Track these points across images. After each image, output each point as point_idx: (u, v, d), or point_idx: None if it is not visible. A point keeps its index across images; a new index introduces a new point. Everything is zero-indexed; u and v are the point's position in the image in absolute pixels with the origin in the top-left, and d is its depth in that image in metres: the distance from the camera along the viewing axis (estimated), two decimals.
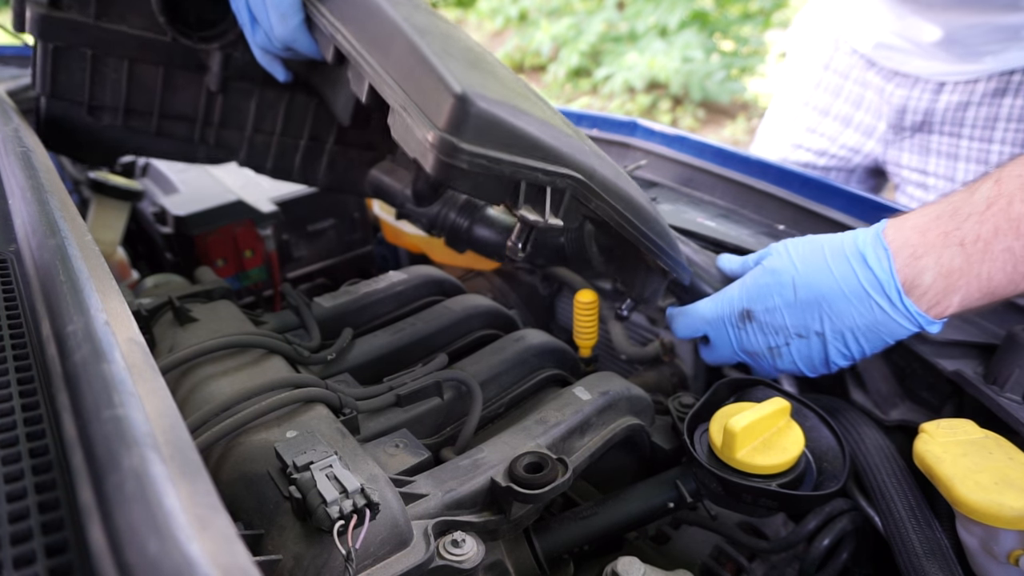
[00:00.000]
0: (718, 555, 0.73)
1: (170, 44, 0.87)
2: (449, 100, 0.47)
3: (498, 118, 0.48)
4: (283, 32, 0.72)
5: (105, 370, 0.33)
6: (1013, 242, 0.58)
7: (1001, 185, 0.59)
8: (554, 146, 0.51)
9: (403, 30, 0.54)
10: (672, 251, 0.68)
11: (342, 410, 0.62)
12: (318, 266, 1.41)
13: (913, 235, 0.63)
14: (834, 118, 1.41)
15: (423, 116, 0.50)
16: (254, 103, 0.95)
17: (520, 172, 0.50)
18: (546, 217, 0.53)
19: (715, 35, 5.18)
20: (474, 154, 0.48)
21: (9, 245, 0.55)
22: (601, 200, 0.58)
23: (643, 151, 1.19)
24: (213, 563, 0.24)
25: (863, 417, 0.73)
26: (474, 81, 0.50)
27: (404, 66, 0.54)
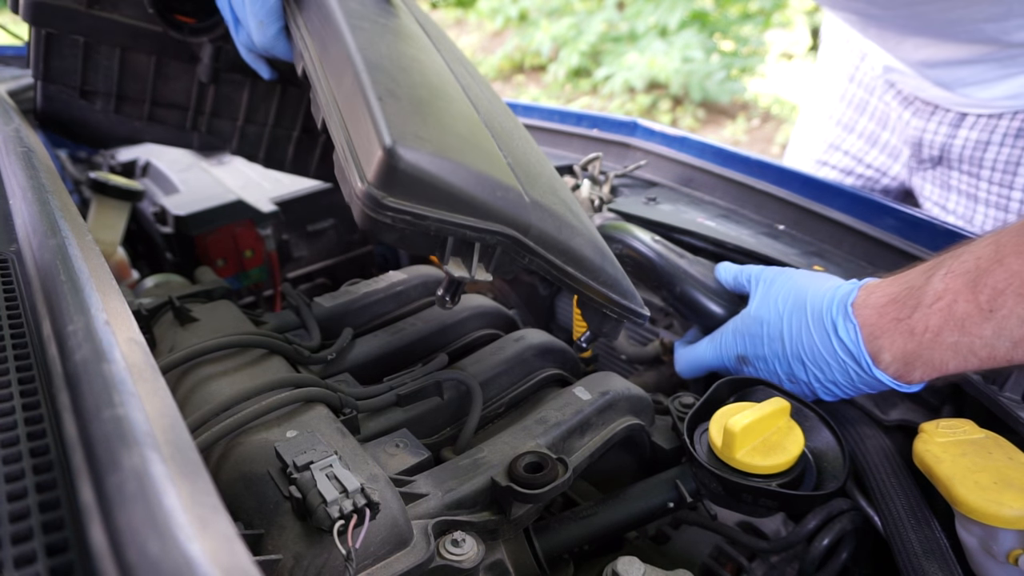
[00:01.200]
0: (718, 555, 0.73)
1: (162, 34, 0.87)
2: (378, 152, 0.46)
3: (427, 174, 0.46)
4: (261, 39, 0.72)
5: (105, 370, 0.33)
6: (959, 338, 0.59)
7: (949, 280, 0.59)
8: (485, 201, 0.49)
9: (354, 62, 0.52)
10: (623, 299, 0.66)
11: (342, 410, 0.62)
12: (318, 266, 1.41)
13: (872, 315, 0.65)
14: (859, 136, 1.32)
15: (356, 163, 0.48)
16: (246, 94, 0.95)
17: (446, 228, 0.49)
18: (472, 273, 0.51)
19: (715, 35, 5.18)
20: (398, 210, 0.46)
21: (10, 245, 0.55)
22: (535, 255, 0.56)
23: (643, 151, 1.19)
24: (213, 563, 0.24)
25: (863, 417, 0.73)
26: (412, 129, 0.48)
27: (349, 102, 0.51)
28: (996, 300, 0.56)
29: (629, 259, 0.84)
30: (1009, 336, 0.56)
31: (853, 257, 0.89)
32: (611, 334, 0.71)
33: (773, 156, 3.45)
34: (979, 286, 0.57)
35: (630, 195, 1.09)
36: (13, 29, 1.27)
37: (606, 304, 0.65)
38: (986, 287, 0.56)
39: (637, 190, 1.12)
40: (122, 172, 1.42)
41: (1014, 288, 0.55)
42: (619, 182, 1.14)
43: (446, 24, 7.41)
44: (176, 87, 0.93)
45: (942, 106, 1.13)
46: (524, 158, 0.66)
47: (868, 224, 0.90)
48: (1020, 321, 0.55)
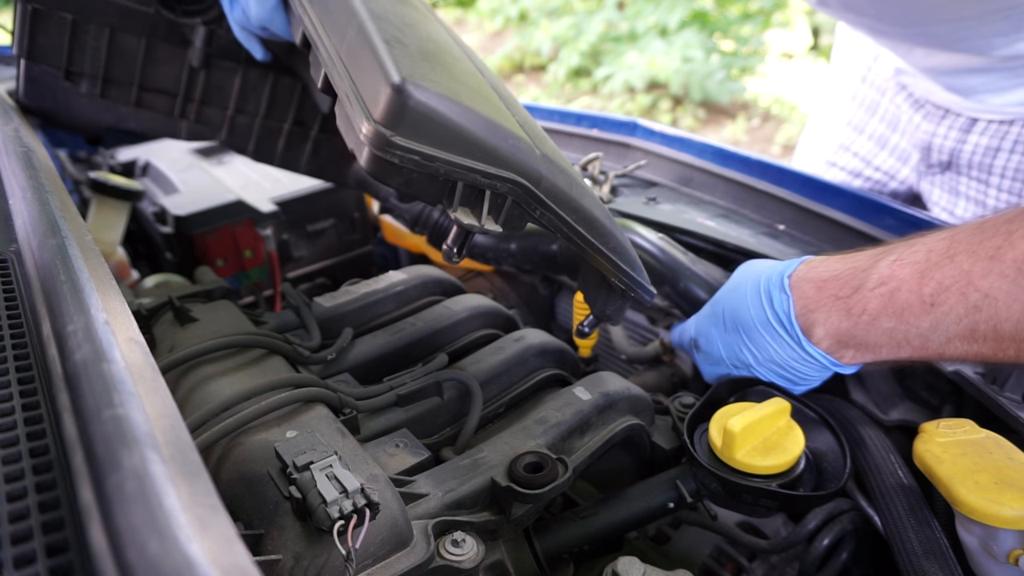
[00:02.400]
0: (718, 555, 0.73)
1: (153, 15, 0.85)
2: (386, 90, 0.44)
3: (436, 112, 0.45)
4: (259, 12, 0.70)
5: (105, 370, 0.33)
6: (896, 325, 0.59)
7: (896, 267, 0.59)
8: (497, 147, 0.48)
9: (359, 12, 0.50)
10: (631, 269, 0.65)
11: (342, 410, 0.62)
12: (318, 266, 1.41)
13: (810, 288, 0.65)
14: (868, 137, 1.30)
15: (362, 106, 0.47)
16: (237, 82, 0.93)
17: (456, 172, 0.47)
18: (482, 222, 0.50)
19: (715, 35, 5.18)
20: (407, 149, 0.45)
21: (10, 245, 0.55)
22: (547, 209, 0.55)
23: (643, 151, 1.19)
24: (213, 563, 0.24)
25: (863, 417, 0.73)
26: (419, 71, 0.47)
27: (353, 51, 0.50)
28: (939, 295, 0.56)
29: None
30: (945, 332, 0.56)
31: None
32: (615, 316, 0.69)
33: (773, 156, 3.45)
34: (925, 279, 0.57)
35: (630, 195, 1.09)
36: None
37: (614, 272, 0.63)
38: (932, 280, 0.56)
39: (637, 190, 1.12)
40: (122, 172, 1.42)
41: (959, 287, 0.55)
42: (619, 182, 1.14)
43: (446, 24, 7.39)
44: (166, 72, 0.90)
45: (953, 110, 1.12)
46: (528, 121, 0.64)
47: (868, 224, 0.90)
48: (957, 319, 0.55)
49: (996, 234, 0.54)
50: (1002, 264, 0.53)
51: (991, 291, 0.53)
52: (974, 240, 0.55)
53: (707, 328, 0.75)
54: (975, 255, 0.54)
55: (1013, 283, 0.52)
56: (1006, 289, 0.52)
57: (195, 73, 0.91)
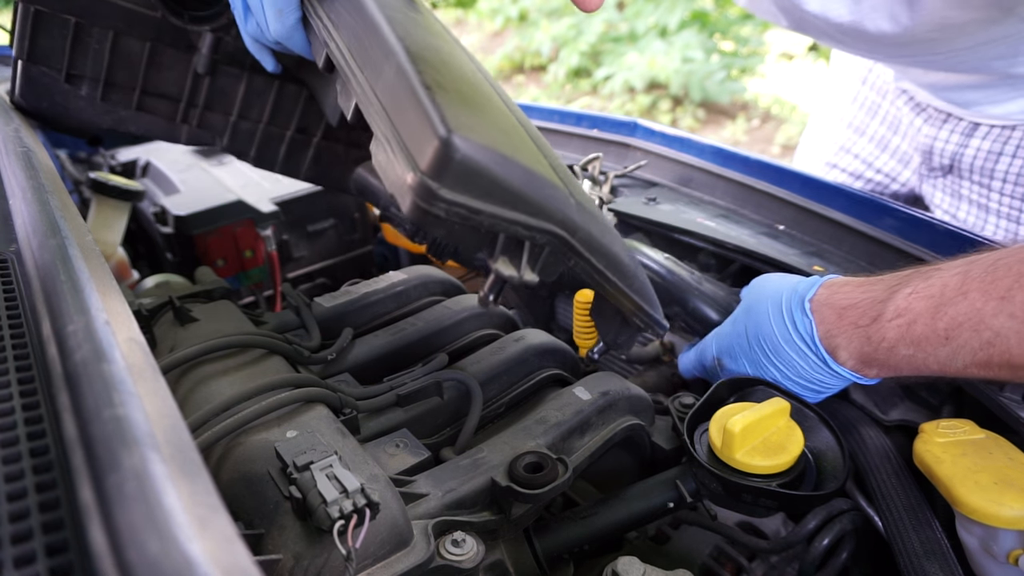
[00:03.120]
0: (718, 555, 0.73)
1: (159, 20, 0.83)
2: (433, 142, 0.44)
3: (483, 166, 0.45)
4: (278, 29, 0.69)
5: (105, 370, 0.33)
6: (915, 352, 0.61)
7: (912, 300, 0.61)
8: (538, 199, 0.48)
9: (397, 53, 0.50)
10: (650, 307, 0.66)
11: (342, 410, 0.62)
12: (318, 266, 1.41)
13: (831, 314, 0.67)
14: (869, 139, 1.30)
15: (405, 153, 0.47)
16: (242, 89, 0.92)
17: (499, 224, 0.47)
18: (521, 273, 0.50)
19: (715, 35, 5.18)
20: (453, 202, 0.45)
21: (10, 245, 0.55)
22: (581, 258, 0.55)
23: (643, 151, 1.19)
24: (213, 563, 0.24)
25: (863, 417, 0.73)
26: (463, 121, 0.47)
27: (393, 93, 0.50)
28: (953, 330, 0.58)
29: None
30: (961, 360, 0.58)
31: (853, 257, 0.89)
32: (625, 345, 0.70)
33: (773, 156, 3.45)
34: (939, 314, 0.59)
35: (630, 195, 1.09)
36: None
37: (636, 312, 0.64)
38: (946, 316, 0.58)
39: (637, 190, 1.12)
40: (122, 172, 1.42)
41: (971, 323, 0.57)
42: (619, 182, 1.14)
43: (446, 24, 7.39)
44: (169, 77, 0.88)
45: (955, 115, 1.12)
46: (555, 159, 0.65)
47: (868, 224, 0.90)
48: (972, 352, 0.57)
49: (1008, 275, 0.55)
50: (1012, 305, 0.54)
51: (1002, 330, 0.55)
52: (986, 279, 0.56)
53: (729, 346, 0.76)
54: (987, 294, 0.56)
55: (1022, 323, 0.54)
56: (1016, 329, 0.54)
57: (199, 79, 0.90)
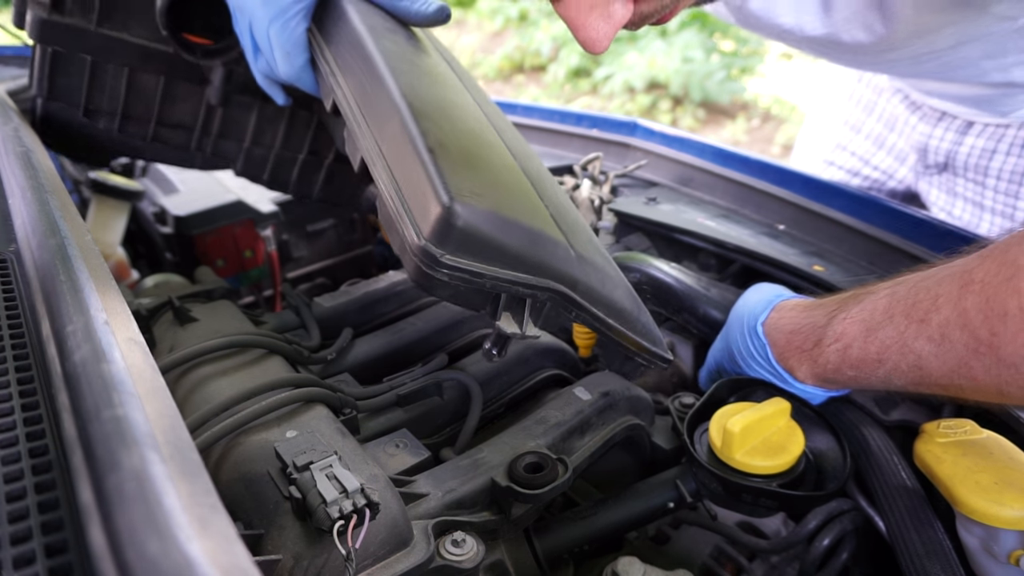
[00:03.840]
0: (718, 555, 0.73)
1: (172, 55, 0.85)
2: (436, 210, 0.45)
3: (484, 232, 0.46)
4: (287, 70, 0.71)
5: (105, 370, 0.33)
6: (857, 374, 0.63)
7: (847, 325, 0.63)
8: (540, 259, 0.50)
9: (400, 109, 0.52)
10: (653, 344, 0.68)
11: (342, 410, 0.62)
12: (318, 266, 1.41)
13: (780, 338, 0.69)
14: (866, 137, 1.31)
15: (409, 216, 0.48)
16: (254, 117, 0.94)
17: (500, 286, 0.49)
18: (524, 329, 0.51)
19: (715, 35, 5.18)
20: (455, 267, 0.46)
21: (9, 245, 0.55)
22: (582, 309, 0.56)
23: (643, 151, 1.19)
24: (213, 563, 0.24)
25: (863, 417, 0.73)
26: (465, 184, 0.48)
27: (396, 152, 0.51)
28: (883, 353, 0.59)
29: (648, 287, 0.85)
30: (899, 379, 0.60)
31: (853, 257, 0.89)
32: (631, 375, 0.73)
33: (773, 156, 3.45)
34: (870, 338, 0.60)
35: (630, 195, 1.09)
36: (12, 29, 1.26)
37: (639, 353, 0.66)
38: (876, 339, 0.60)
39: (637, 190, 1.12)
40: (122, 172, 1.41)
41: (897, 347, 0.58)
42: (619, 182, 1.14)
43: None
44: (183, 108, 0.91)
45: (950, 113, 1.12)
46: (559, 202, 0.66)
47: (868, 224, 0.90)
48: (903, 374, 0.59)
49: (926, 297, 0.56)
50: (929, 328, 0.55)
51: (923, 353, 0.56)
52: (908, 302, 0.58)
53: (720, 360, 0.79)
54: (909, 318, 0.57)
55: (939, 346, 0.55)
56: (934, 352, 0.55)
57: (212, 109, 0.92)
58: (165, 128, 0.92)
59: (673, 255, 1.02)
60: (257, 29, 0.70)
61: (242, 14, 0.71)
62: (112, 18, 0.82)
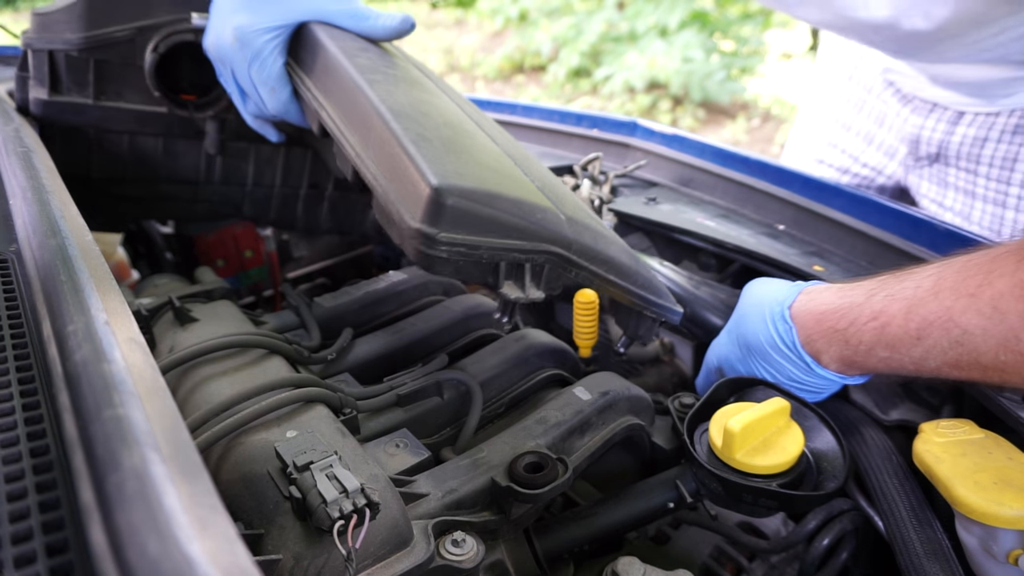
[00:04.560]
0: (718, 555, 0.73)
1: (167, 115, 0.90)
2: (425, 192, 0.48)
3: (473, 206, 0.49)
4: (275, 105, 0.75)
5: (105, 370, 0.33)
6: (891, 353, 0.62)
7: (887, 303, 0.63)
8: (529, 225, 0.52)
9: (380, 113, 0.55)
10: (658, 297, 0.69)
11: (342, 410, 0.62)
12: (318, 266, 1.40)
13: (810, 320, 0.68)
14: (856, 134, 1.33)
15: (402, 205, 0.51)
16: (252, 160, 0.99)
17: (497, 254, 0.52)
18: (526, 292, 0.54)
19: (715, 35, 5.18)
20: (452, 243, 0.49)
21: (10, 245, 0.55)
22: (580, 268, 0.59)
23: (643, 151, 1.19)
24: (213, 563, 0.24)
25: (863, 417, 0.73)
26: (449, 168, 0.51)
27: (382, 152, 0.55)
28: (924, 330, 0.59)
29: None
30: (934, 360, 0.60)
31: (853, 257, 0.89)
32: (647, 335, 0.73)
33: (773, 156, 3.45)
34: (912, 314, 0.60)
35: (630, 195, 1.09)
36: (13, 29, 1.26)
37: (645, 306, 0.67)
38: (918, 316, 0.60)
39: (637, 190, 1.12)
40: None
41: (941, 323, 0.58)
42: (619, 182, 1.14)
43: (446, 24, 7.41)
44: (185, 163, 0.96)
45: (941, 104, 1.14)
46: (546, 178, 0.69)
47: (868, 224, 0.90)
48: (943, 351, 0.59)
49: (978, 273, 0.57)
50: (979, 302, 0.55)
51: (969, 327, 0.56)
52: (958, 279, 0.58)
53: (726, 356, 0.78)
54: (957, 293, 0.57)
55: (988, 319, 0.55)
56: (983, 326, 0.55)
57: (212, 159, 0.97)
58: (172, 184, 0.97)
59: (673, 255, 1.02)
60: (239, 74, 0.75)
61: (223, 64, 0.76)
62: (107, 90, 0.87)
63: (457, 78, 6.31)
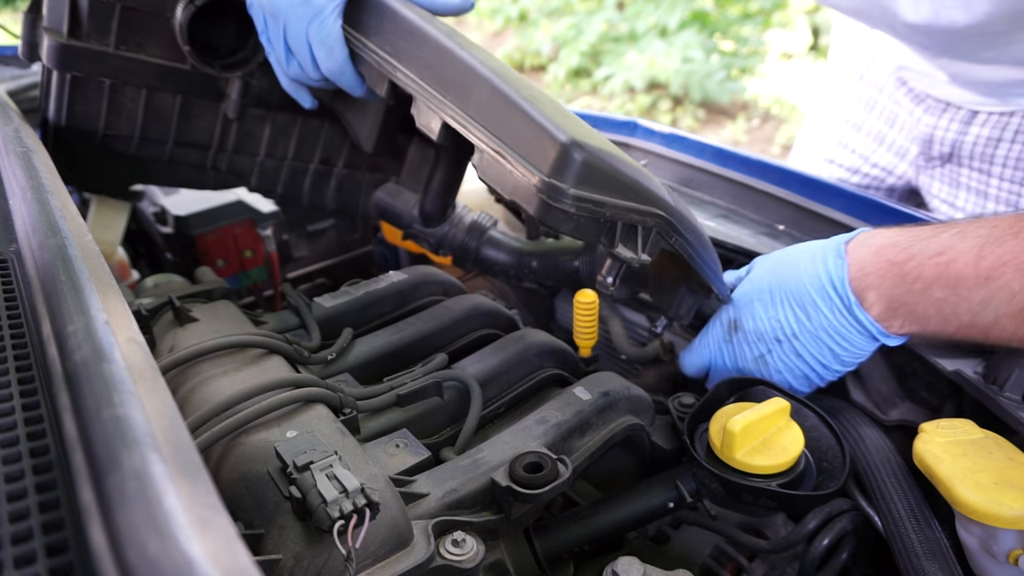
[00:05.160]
0: (718, 555, 0.73)
1: (189, 72, 0.86)
2: (555, 148, 0.50)
3: (600, 164, 0.51)
4: (330, 66, 0.73)
5: (105, 370, 0.33)
6: (948, 295, 0.59)
7: (957, 239, 0.60)
8: (646, 187, 0.54)
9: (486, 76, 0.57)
10: (719, 270, 0.71)
11: (342, 410, 0.62)
12: (318, 266, 1.41)
13: (867, 253, 0.65)
14: (866, 134, 1.32)
15: (525, 162, 0.53)
16: (268, 129, 0.96)
17: (619, 214, 0.53)
18: (639, 254, 0.55)
19: (715, 35, 5.18)
20: (579, 198, 0.51)
21: (10, 245, 0.55)
22: (680, 236, 0.61)
23: (643, 151, 1.19)
24: (213, 563, 0.24)
25: (863, 417, 0.73)
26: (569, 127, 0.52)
27: (492, 112, 0.57)
28: (996, 270, 0.56)
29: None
30: (995, 308, 0.57)
31: None
32: (686, 316, 0.76)
33: (773, 156, 3.45)
34: (985, 252, 0.57)
35: None
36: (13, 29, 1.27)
37: (711, 281, 0.70)
38: (992, 254, 0.57)
39: None
40: None
41: (1017, 262, 0.55)
42: None
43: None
44: (200, 126, 0.92)
45: (954, 103, 1.13)
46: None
47: (868, 224, 0.90)
48: (1011, 295, 0.56)
49: None
50: None
51: None
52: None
53: (747, 305, 0.74)
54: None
55: None
56: None
57: (228, 124, 0.93)
58: (182, 148, 0.93)
59: None
60: (293, 32, 0.72)
61: (275, 20, 0.73)
62: (129, 40, 0.83)
63: None
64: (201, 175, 0.97)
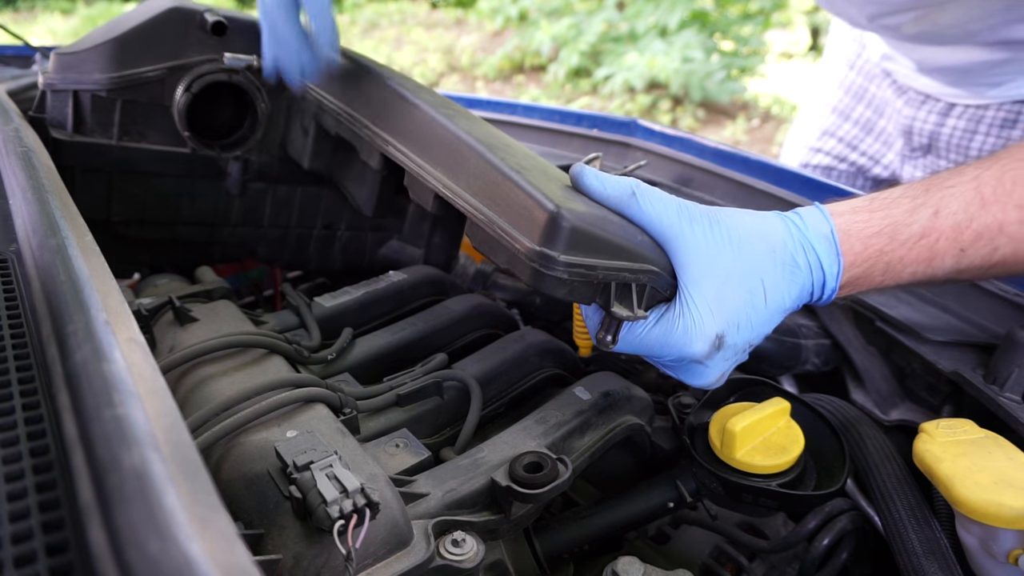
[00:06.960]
0: (718, 555, 0.73)
1: (190, 155, 0.89)
2: (543, 217, 0.51)
3: (589, 230, 0.52)
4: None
5: (105, 370, 0.33)
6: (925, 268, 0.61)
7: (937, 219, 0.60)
8: (634, 245, 0.55)
9: (473, 147, 0.58)
10: None
11: (342, 410, 0.62)
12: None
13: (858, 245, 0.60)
14: (854, 123, 1.33)
15: (515, 231, 0.53)
16: (270, 201, 0.99)
17: (611, 275, 0.54)
18: (635, 312, 0.55)
19: (715, 35, 5.19)
20: (571, 264, 0.51)
21: (10, 245, 0.55)
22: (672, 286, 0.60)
23: (643, 151, 1.19)
24: (213, 563, 0.24)
25: (863, 417, 0.73)
26: (555, 193, 0.53)
27: (481, 183, 0.57)
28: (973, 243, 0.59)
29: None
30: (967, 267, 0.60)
31: None
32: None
33: (773, 156, 3.45)
34: (962, 229, 0.60)
35: None
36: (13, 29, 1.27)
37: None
38: (969, 231, 0.60)
39: None
40: None
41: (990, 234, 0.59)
42: None
43: (446, 24, 7.40)
44: (203, 205, 0.95)
45: (932, 96, 1.16)
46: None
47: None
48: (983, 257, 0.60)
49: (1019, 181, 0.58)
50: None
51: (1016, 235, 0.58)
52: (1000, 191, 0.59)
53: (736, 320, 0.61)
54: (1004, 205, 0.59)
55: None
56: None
57: (231, 200, 0.96)
58: (187, 227, 0.96)
59: None
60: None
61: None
62: (131, 131, 0.85)
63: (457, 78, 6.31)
64: (209, 250, 1.00)
